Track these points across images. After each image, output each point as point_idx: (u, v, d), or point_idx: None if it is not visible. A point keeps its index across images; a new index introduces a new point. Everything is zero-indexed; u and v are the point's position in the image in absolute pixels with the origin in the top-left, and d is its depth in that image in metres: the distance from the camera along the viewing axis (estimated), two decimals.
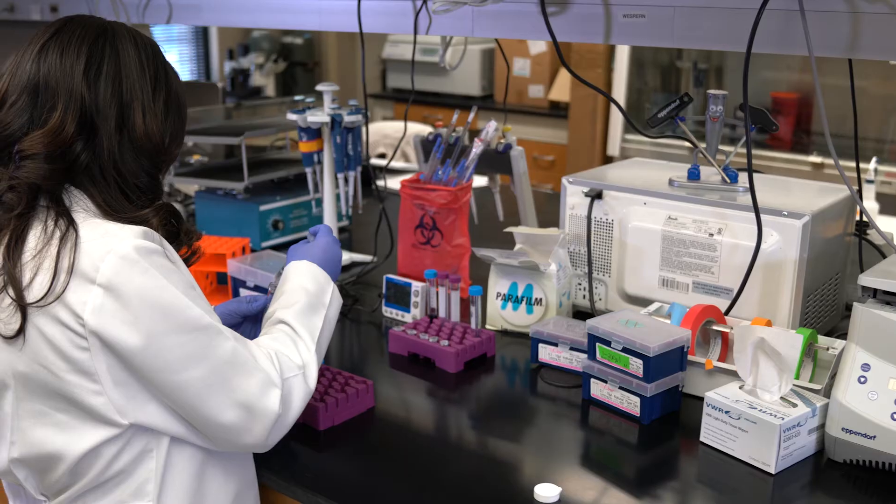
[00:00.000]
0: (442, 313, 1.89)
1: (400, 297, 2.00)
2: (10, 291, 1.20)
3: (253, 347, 1.31)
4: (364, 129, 2.28)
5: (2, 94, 1.30)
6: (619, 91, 4.57)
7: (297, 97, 2.37)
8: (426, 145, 2.33)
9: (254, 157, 2.72)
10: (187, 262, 1.37)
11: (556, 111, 5.14)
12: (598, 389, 1.62)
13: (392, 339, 1.85)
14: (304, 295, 1.45)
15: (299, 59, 6.38)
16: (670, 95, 4.66)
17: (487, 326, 1.95)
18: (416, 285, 1.97)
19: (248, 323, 1.62)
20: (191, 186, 2.82)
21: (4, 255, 1.22)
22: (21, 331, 1.21)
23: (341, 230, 2.49)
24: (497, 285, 1.92)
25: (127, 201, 1.32)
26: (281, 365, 1.32)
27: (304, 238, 1.72)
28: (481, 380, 1.77)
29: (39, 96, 1.28)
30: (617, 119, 4.66)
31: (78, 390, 1.21)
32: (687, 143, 1.88)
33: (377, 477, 1.43)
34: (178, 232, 1.37)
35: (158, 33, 5.89)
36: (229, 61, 6.25)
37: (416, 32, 2.11)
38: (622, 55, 4.59)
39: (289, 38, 6.35)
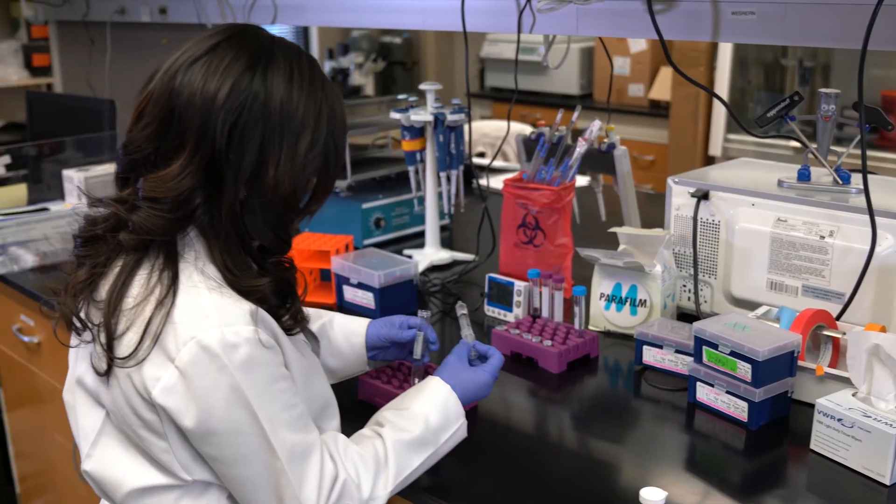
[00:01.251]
0: (545, 313, 1.89)
1: (502, 296, 2.00)
2: (102, 338, 1.21)
3: (311, 466, 1.24)
4: (466, 128, 2.29)
5: (142, 105, 1.23)
6: (722, 90, 4.49)
7: (400, 96, 2.38)
8: (528, 144, 2.32)
9: (356, 156, 2.75)
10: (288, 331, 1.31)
11: (657, 110, 5.08)
12: (704, 393, 1.60)
13: (495, 339, 1.85)
14: (422, 427, 1.35)
15: (398, 59, 6.42)
16: (774, 94, 4.57)
17: (590, 327, 1.93)
18: (519, 285, 1.97)
19: (395, 347, 1.62)
20: None
21: (108, 295, 1.22)
22: (108, 374, 1.23)
23: (442, 229, 2.50)
24: (601, 286, 1.91)
25: (248, 259, 1.27)
26: (340, 492, 1.25)
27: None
28: (584, 381, 1.76)
29: (171, 126, 1.20)
30: (719, 118, 4.58)
31: (148, 444, 1.24)
32: (792, 143, 1.85)
33: (477, 475, 1.43)
34: (287, 310, 1.31)
35: None
36: (329, 61, 6.31)
37: (519, 31, 2.11)
38: (725, 53, 4.51)
39: (388, 37, 6.39)
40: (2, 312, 2.64)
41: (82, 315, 1.28)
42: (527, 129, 3.43)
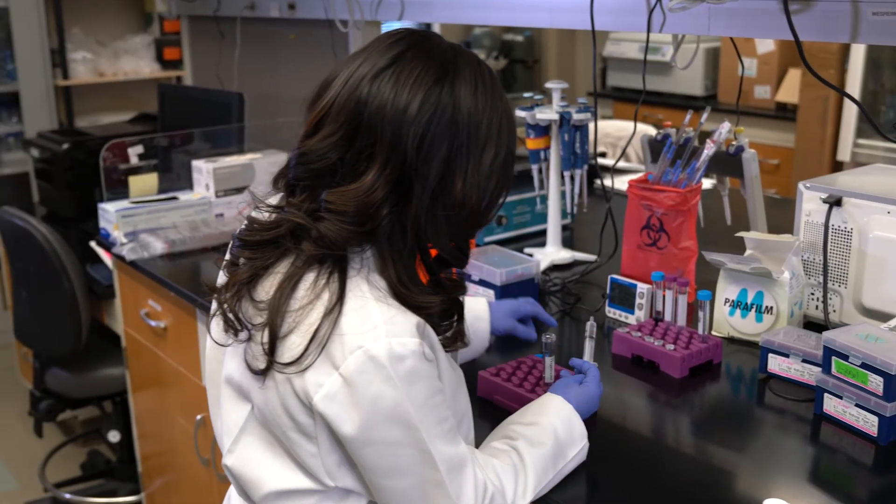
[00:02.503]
0: (667, 317, 1.86)
1: (624, 298, 1.98)
2: (265, 338, 1.21)
3: (467, 478, 1.25)
4: (592, 128, 2.27)
5: (322, 113, 1.23)
6: (853, 93, 4.35)
7: (526, 94, 2.38)
8: (654, 145, 2.29)
9: None
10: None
11: (783, 113, 4.96)
12: (831, 405, 1.55)
13: (616, 341, 1.84)
14: (553, 441, 1.38)
15: (519, 57, 6.42)
16: None
17: (714, 332, 1.90)
18: (642, 287, 1.94)
19: (520, 324, 1.74)
20: None
21: (275, 297, 1.21)
22: (264, 374, 1.23)
23: (564, 228, 2.49)
24: (726, 291, 1.87)
25: (420, 273, 1.27)
26: (492, 502, 1.27)
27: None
28: (706, 387, 1.73)
29: (359, 137, 1.19)
30: (849, 122, 4.45)
31: (296, 447, 1.25)
32: None
33: (594, 477, 1.42)
34: (450, 328, 1.31)
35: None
36: None
37: (648, 31, 2.08)
38: (857, 55, 4.37)
39: (509, 35, 6.39)
40: (131, 297, 2.73)
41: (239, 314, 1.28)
42: (649, 130, 3.39)
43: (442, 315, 1.28)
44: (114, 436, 3.20)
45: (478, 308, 1.70)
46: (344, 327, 1.17)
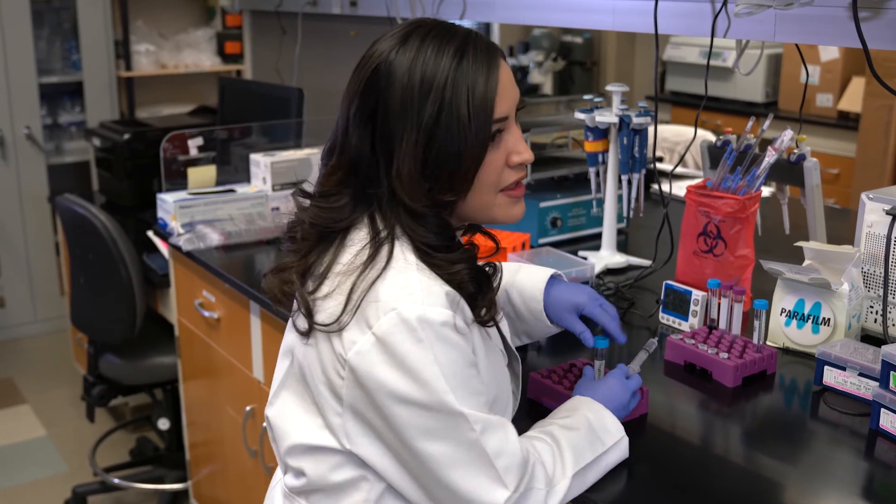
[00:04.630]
0: (722, 325, 1.84)
1: (679, 304, 1.96)
2: (303, 306, 1.28)
3: (505, 439, 1.26)
4: (651, 132, 2.25)
5: None
6: None
7: (585, 96, 2.36)
8: (713, 151, 2.27)
9: (535, 154, 2.74)
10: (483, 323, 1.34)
11: (845, 122, 4.89)
12: (888, 421, 1.52)
13: (669, 347, 1.82)
14: (586, 426, 1.39)
15: (577, 59, 6.39)
16: None
17: (768, 342, 1.87)
18: (697, 294, 1.92)
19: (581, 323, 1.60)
20: None
21: (330, 261, 1.30)
22: (308, 334, 1.29)
23: (619, 232, 2.47)
24: (783, 301, 1.85)
25: (438, 246, 1.29)
26: (532, 472, 1.28)
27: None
28: (759, 397, 1.71)
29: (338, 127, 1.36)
30: None
31: (324, 402, 1.29)
32: None
33: (643, 484, 1.41)
34: (483, 299, 1.32)
35: None
36: (509, 58, 6.33)
37: (713, 36, 2.06)
38: None
39: (569, 36, 6.37)
40: (186, 286, 2.76)
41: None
42: (708, 135, 3.35)
43: (472, 284, 1.30)
44: (163, 423, 3.23)
45: (531, 287, 1.62)
46: (381, 292, 1.22)
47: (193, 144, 3.03)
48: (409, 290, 1.22)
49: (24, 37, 4.50)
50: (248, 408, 2.45)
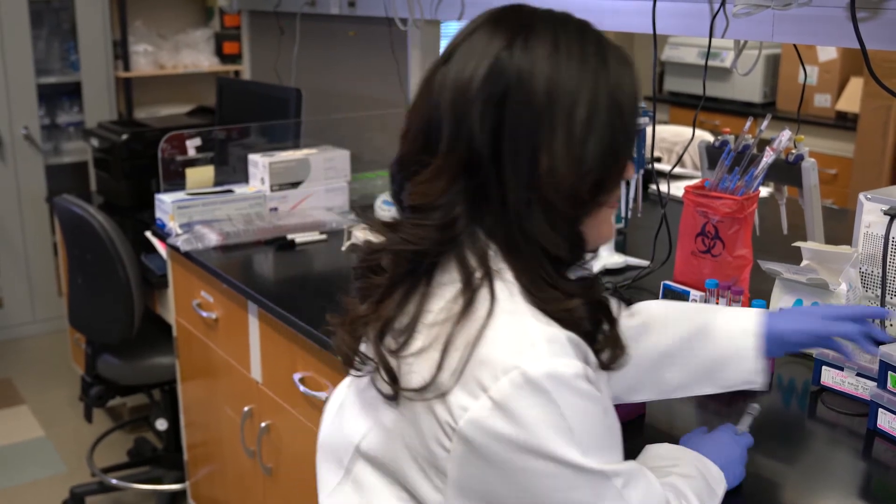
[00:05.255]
0: None
1: None
2: (385, 370, 1.08)
3: (650, 486, 1.12)
4: (649, 132, 2.25)
5: (407, 118, 1.13)
6: None
7: None
8: (711, 152, 2.27)
9: None
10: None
11: (843, 122, 4.89)
12: (885, 421, 1.53)
13: None
14: (699, 475, 1.26)
15: None
16: None
17: None
18: (695, 294, 1.93)
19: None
20: None
21: (416, 310, 1.09)
22: (394, 398, 1.10)
23: (618, 232, 2.47)
24: (780, 301, 1.85)
25: (549, 276, 1.08)
26: None
27: None
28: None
29: (431, 131, 1.08)
30: None
31: (415, 474, 1.10)
32: None
33: None
34: (604, 339, 1.13)
35: None
36: None
37: (711, 36, 2.06)
38: None
39: None
40: (184, 287, 2.76)
41: (362, 348, 1.17)
42: (706, 136, 3.35)
43: (590, 323, 1.10)
44: (161, 424, 3.23)
45: (741, 336, 1.38)
46: (493, 346, 1.03)
47: (191, 145, 3.03)
48: (529, 341, 1.02)
49: (23, 37, 4.50)
50: (245, 408, 2.45)
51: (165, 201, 2.76)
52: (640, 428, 1.56)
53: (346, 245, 2.60)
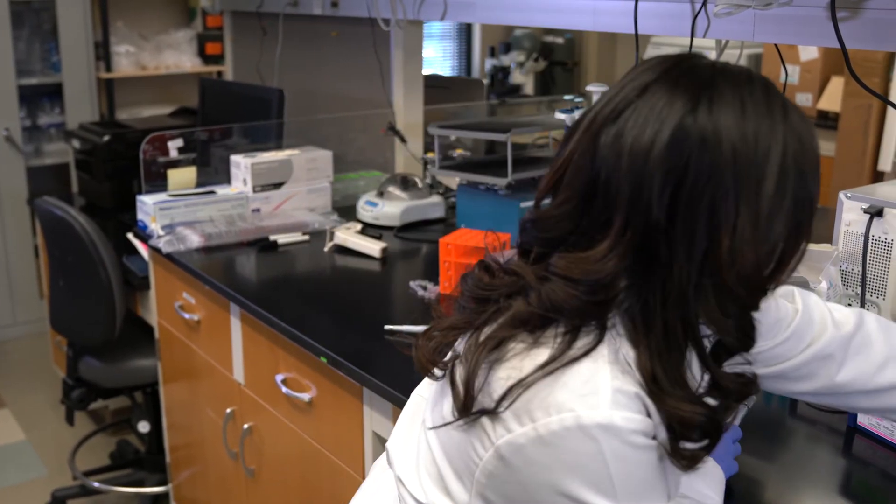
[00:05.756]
0: None
1: None
2: (460, 391, 1.03)
3: None
4: None
5: (560, 172, 1.02)
6: None
7: (565, 96, 2.37)
8: None
9: (516, 154, 2.75)
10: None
11: (825, 121, 4.92)
12: (865, 418, 1.53)
13: None
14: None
15: (559, 59, 6.41)
16: None
17: None
18: None
19: None
20: (453, 180, 2.88)
21: (476, 350, 1.03)
22: (462, 415, 1.04)
23: None
24: None
25: (687, 368, 1.00)
26: None
27: None
28: None
29: (595, 200, 0.98)
30: (892, 132, 4.40)
31: (452, 475, 1.08)
32: None
33: None
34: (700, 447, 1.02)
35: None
36: (490, 58, 6.35)
37: (692, 36, 2.07)
38: None
39: (550, 37, 6.38)
40: (166, 289, 2.75)
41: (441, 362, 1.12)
42: None
43: (698, 433, 1.00)
44: (143, 426, 3.22)
45: None
46: (557, 388, 0.97)
47: (173, 146, 3.02)
48: (593, 387, 0.96)
49: (3, 38, 4.47)
50: (228, 410, 2.45)
51: (147, 203, 2.75)
52: None
53: (328, 246, 2.59)
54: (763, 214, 0.95)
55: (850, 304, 1.86)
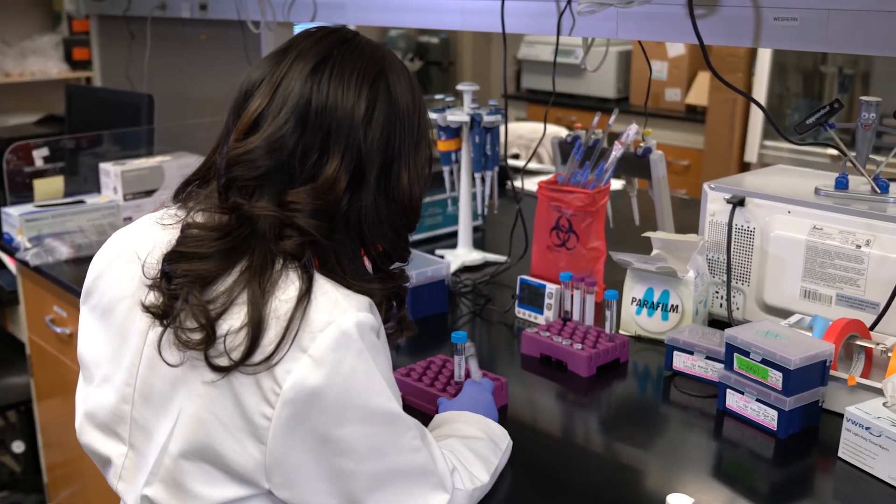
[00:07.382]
0: (576, 316, 1.88)
1: (533, 298, 1.99)
2: (239, 340, 1.11)
3: (434, 448, 1.23)
4: (503, 130, 2.29)
5: (257, 113, 1.19)
6: (760, 96, 4.46)
7: (437, 96, 2.38)
8: (564, 147, 2.31)
9: None
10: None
11: (693, 115, 5.05)
12: (733, 401, 1.58)
13: (525, 341, 1.85)
14: (484, 433, 1.40)
15: (435, 59, 6.42)
16: (812, 101, 4.53)
17: (621, 332, 1.92)
18: (551, 287, 1.96)
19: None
20: None
21: (254, 294, 1.12)
22: (224, 372, 1.12)
23: (475, 230, 2.50)
24: (633, 290, 1.90)
25: (363, 265, 1.25)
26: (459, 476, 1.27)
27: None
28: (613, 385, 1.75)
29: (307, 133, 1.18)
30: (756, 125, 4.55)
31: (236, 452, 1.14)
32: (829, 151, 1.83)
33: (502, 477, 1.42)
34: (392, 316, 1.29)
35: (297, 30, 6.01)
36: None
37: (558, 34, 2.10)
38: (763, 59, 4.48)
39: (425, 37, 6.40)
40: (36, 303, 2.67)
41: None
42: (562, 132, 3.42)
43: (386, 302, 1.26)
44: (18, 446, 3.12)
45: None
46: (311, 314, 1.12)
47: (39, 155, 2.93)
48: (334, 302, 1.13)
49: None
50: None
51: (12, 214, 2.67)
52: (502, 420, 1.57)
53: None
54: (422, 159, 1.27)
55: (717, 293, 1.92)
